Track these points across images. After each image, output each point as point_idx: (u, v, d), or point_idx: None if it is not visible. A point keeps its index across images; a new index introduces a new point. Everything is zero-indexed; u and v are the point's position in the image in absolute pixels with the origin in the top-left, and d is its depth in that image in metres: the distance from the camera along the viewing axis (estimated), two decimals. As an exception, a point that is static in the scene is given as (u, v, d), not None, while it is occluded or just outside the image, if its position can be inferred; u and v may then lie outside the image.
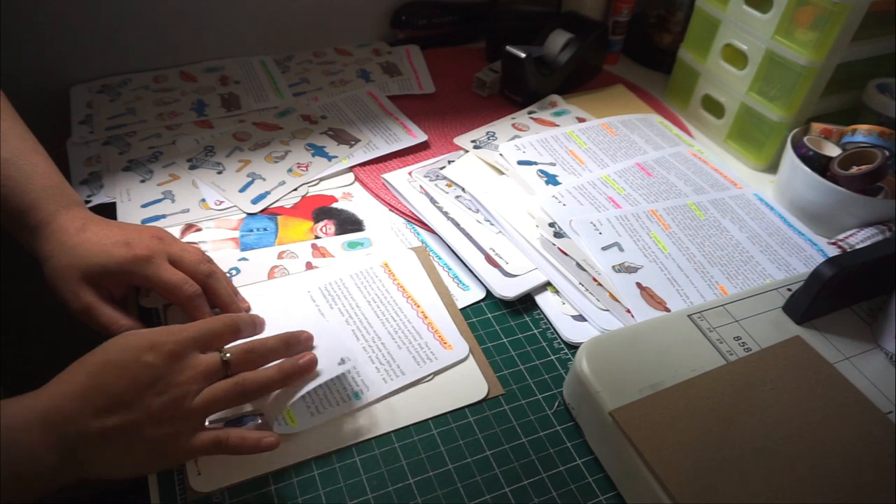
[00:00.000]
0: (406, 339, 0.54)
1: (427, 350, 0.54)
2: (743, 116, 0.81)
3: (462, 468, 0.48)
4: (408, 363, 0.53)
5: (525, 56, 0.82)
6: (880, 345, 0.54)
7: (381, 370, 0.52)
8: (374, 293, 0.57)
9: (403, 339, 0.54)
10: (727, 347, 0.51)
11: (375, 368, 0.52)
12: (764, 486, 0.42)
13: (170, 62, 0.87)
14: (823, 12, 0.68)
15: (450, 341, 0.55)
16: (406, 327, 0.55)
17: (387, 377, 0.51)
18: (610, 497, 0.47)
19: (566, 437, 0.50)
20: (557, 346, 0.57)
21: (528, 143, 0.75)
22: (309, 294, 0.57)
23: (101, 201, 0.66)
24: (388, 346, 0.54)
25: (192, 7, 0.84)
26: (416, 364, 0.53)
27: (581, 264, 0.62)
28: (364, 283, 0.58)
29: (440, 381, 0.53)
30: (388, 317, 0.56)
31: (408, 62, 0.94)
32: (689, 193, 0.72)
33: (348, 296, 0.57)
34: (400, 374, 0.52)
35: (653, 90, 0.94)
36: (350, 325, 0.54)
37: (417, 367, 0.52)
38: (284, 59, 0.92)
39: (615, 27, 0.97)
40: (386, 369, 0.52)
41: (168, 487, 0.45)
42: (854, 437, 0.46)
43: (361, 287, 0.58)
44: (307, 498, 0.45)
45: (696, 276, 0.62)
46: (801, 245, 0.68)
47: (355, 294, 0.57)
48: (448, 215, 0.67)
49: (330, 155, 0.75)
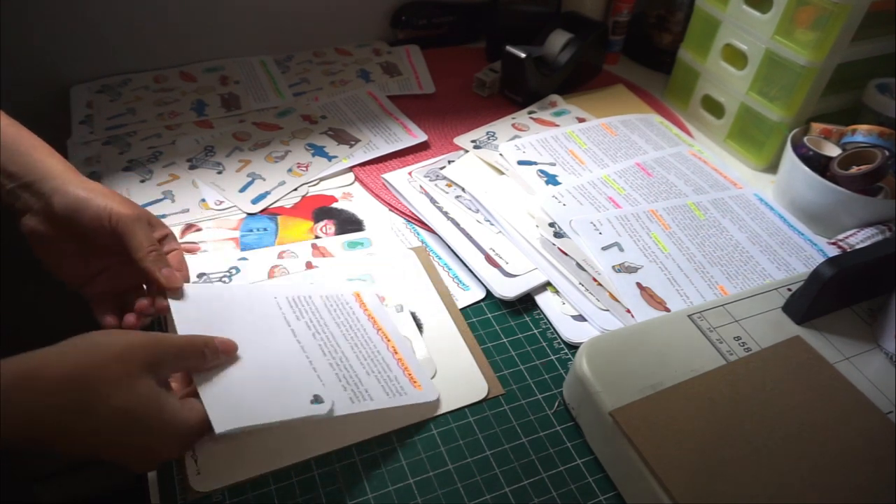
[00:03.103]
0: (375, 368, 0.50)
1: (396, 384, 0.49)
2: (743, 116, 0.81)
3: (462, 468, 0.48)
4: (376, 391, 0.48)
5: (525, 56, 0.82)
6: (880, 345, 0.54)
7: (349, 389, 0.47)
8: (343, 318, 0.53)
9: (372, 368, 0.50)
10: (727, 347, 0.51)
11: (343, 387, 0.47)
12: (764, 486, 0.42)
13: (170, 62, 0.87)
14: (823, 12, 0.68)
15: (420, 381, 0.51)
16: (376, 357, 0.51)
17: (354, 398, 0.47)
18: (610, 497, 0.47)
19: (566, 437, 0.50)
20: (557, 346, 0.57)
21: (528, 143, 0.75)
22: (275, 300, 0.52)
23: (101, 201, 0.66)
24: (356, 369, 0.49)
25: (193, 7, 0.84)
26: (385, 394, 0.48)
27: (581, 264, 0.62)
28: (334, 307, 0.54)
29: (440, 382, 0.53)
30: (358, 343, 0.51)
31: (408, 62, 0.94)
32: (689, 193, 0.72)
33: (316, 312, 0.52)
34: (368, 398, 0.47)
35: (653, 90, 0.94)
36: (317, 340, 0.50)
37: (386, 397, 0.48)
38: (284, 59, 0.92)
39: (615, 27, 0.97)
40: (353, 390, 0.47)
41: (168, 487, 0.45)
42: (854, 437, 0.46)
43: (331, 310, 0.53)
44: (307, 498, 0.45)
45: (696, 276, 0.62)
46: (801, 245, 0.68)
47: (324, 314, 0.53)
48: (448, 215, 0.67)
49: (330, 155, 0.75)
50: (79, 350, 0.39)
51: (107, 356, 0.39)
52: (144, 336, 0.41)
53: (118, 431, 0.39)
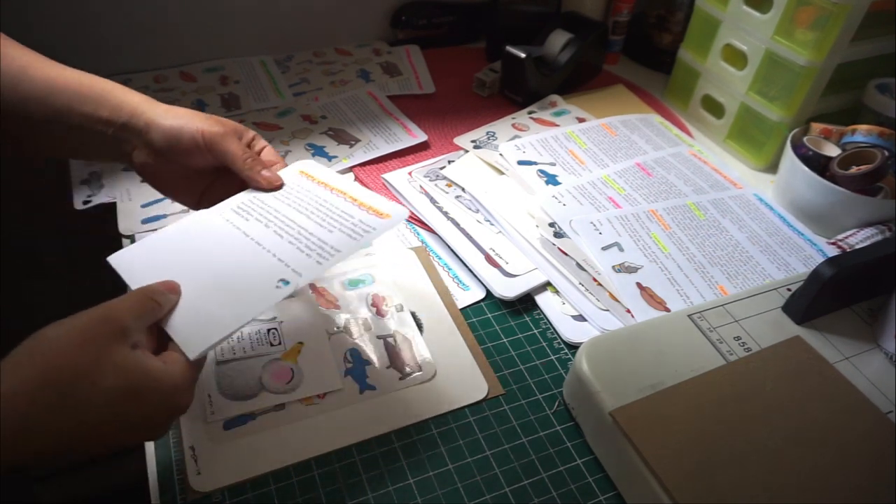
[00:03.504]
0: (336, 223, 0.50)
1: (362, 225, 0.49)
2: (743, 116, 0.81)
3: (462, 468, 0.48)
4: (341, 241, 0.48)
5: (525, 56, 0.82)
6: (880, 345, 0.54)
7: (313, 255, 0.47)
8: (294, 198, 0.52)
9: (334, 224, 0.49)
10: (727, 347, 0.51)
11: (306, 255, 0.47)
12: (764, 486, 0.42)
13: (170, 62, 0.87)
14: (823, 12, 0.68)
15: (385, 210, 0.50)
16: (334, 213, 0.50)
17: (320, 259, 0.46)
18: (610, 497, 0.47)
19: (566, 437, 0.50)
20: (557, 346, 0.57)
21: (528, 143, 0.75)
22: (221, 217, 0.51)
23: (101, 201, 0.66)
24: (318, 233, 0.49)
25: (193, 7, 0.84)
26: (352, 239, 0.48)
27: (581, 264, 0.62)
28: (283, 194, 0.53)
29: (440, 381, 0.53)
30: (314, 210, 0.51)
31: (408, 62, 0.94)
32: (689, 193, 0.72)
33: (265, 206, 0.51)
34: (334, 252, 0.47)
35: (653, 90, 0.94)
36: (270, 229, 0.49)
37: (353, 241, 0.48)
38: (284, 59, 0.92)
39: (615, 27, 0.97)
40: (318, 253, 0.47)
41: (168, 487, 0.45)
42: (854, 437, 0.46)
43: (280, 197, 0.53)
44: (307, 498, 0.45)
45: (696, 276, 0.62)
46: (801, 245, 0.68)
47: (273, 203, 0.52)
48: (448, 215, 0.67)
49: (330, 155, 0.75)
50: (35, 354, 0.36)
51: (70, 346, 0.37)
52: (94, 312, 0.39)
53: (120, 412, 0.37)
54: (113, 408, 0.37)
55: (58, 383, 0.35)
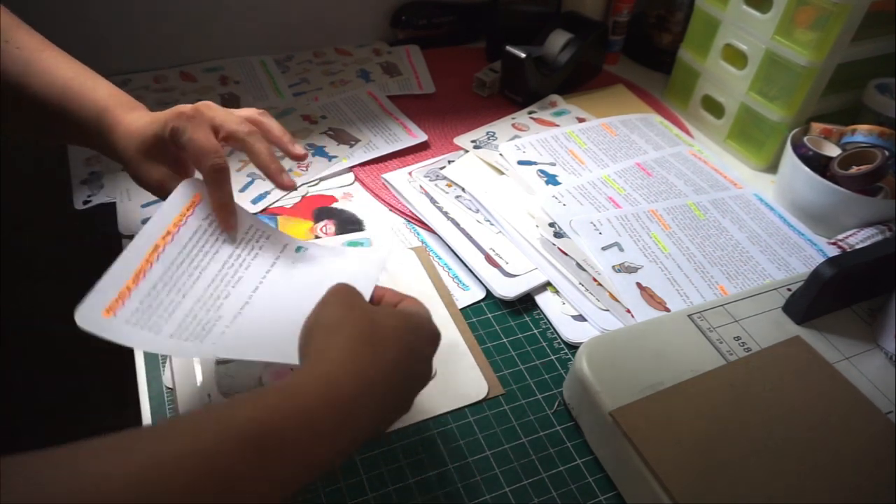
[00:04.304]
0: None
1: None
2: (743, 116, 0.81)
3: (462, 468, 0.48)
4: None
5: (525, 56, 0.82)
6: (880, 345, 0.54)
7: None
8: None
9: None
10: (727, 347, 0.51)
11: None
12: (764, 487, 0.42)
13: (170, 62, 0.87)
14: (823, 12, 0.68)
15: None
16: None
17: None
18: (610, 497, 0.47)
19: (566, 437, 0.50)
20: (557, 346, 0.57)
21: (528, 143, 0.75)
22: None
23: (101, 201, 0.66)
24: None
25: (192, 7, 0.84)
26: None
27: (581, 264, 0.62)
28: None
29: (440, 381, 0.53)
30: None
31: (408, 62, 0.94)
32: (689, 193, 0.72)
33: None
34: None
35: (653, 90, 0.94)
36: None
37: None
38: (284, 59, 0.92)
39: (615, 27, 0.97)
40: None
41: (168, 487, 0.45)
42: (854, 437, 0.46)
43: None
44: (307, 498, 0.45)
45: (696, 276, 0.62)
46: (801, 245, 0.68)
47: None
48: (448, 215, 0.67)
49: (330, 155, 0.75)
50: (325, 347, 0.38)
51: (341, 313, 0.39)
52: (342, 286, 0.42)
53: (405, 344, 0.39)
54: (401, 342, 0.39)
55: (360, 338, 0.38)
